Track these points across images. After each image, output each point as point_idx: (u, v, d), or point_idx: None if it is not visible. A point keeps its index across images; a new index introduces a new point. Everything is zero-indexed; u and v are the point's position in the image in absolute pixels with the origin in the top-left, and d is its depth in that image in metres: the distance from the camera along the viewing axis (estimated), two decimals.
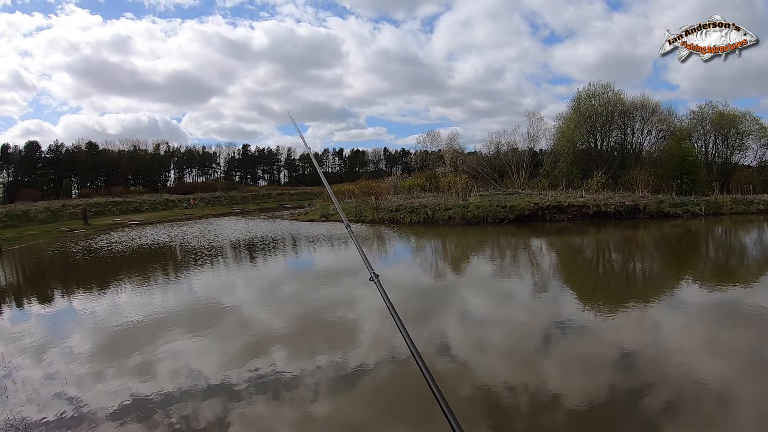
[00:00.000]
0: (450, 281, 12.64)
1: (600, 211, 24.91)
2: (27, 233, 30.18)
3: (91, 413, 5.38)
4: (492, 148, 44.82)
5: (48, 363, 7.11)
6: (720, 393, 5.36)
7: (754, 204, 27.67)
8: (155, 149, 77.49)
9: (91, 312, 10.35)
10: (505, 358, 6.76)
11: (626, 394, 5.40)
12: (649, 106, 36.72)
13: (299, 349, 7.27)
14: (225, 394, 5.74)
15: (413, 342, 1.49)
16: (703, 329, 7.89)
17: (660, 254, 16.39)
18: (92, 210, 40.11)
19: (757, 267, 13.67)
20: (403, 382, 6.03)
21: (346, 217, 7.31)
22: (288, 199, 62.94)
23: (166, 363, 6.88)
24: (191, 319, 9.19)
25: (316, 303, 10.30)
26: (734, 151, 38.91)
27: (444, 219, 25.50)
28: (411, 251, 18.82)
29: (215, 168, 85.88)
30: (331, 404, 5.52)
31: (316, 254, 18.24)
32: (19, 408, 5.56)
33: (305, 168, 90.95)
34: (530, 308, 9.49)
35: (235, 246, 21.13)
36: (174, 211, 47.18)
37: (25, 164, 65.71)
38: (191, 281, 13.68)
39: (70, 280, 15.21)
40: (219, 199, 58.35)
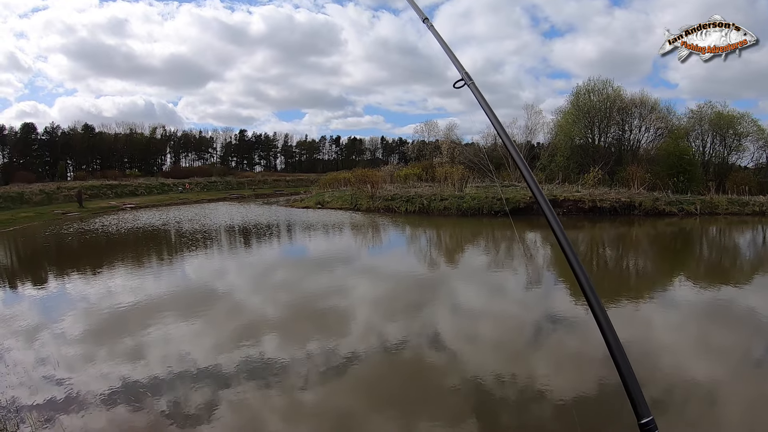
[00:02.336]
0: (443, 272, 12.69)
1: (595, 206, 24.98)
2: (21, 215, 30.01)
3: (81, 396, 5.40)
4: (489, 140, 44.72)
5: (40, 346, 7.13)
6: (708, 393, 5.43)
7: (749, 205, 27.77)
8: (152, 133, 76.80)
9: (83, 295, 10.34)
10: (495, 351, 6.82)
11: (615, 390, 5.47)
12: (647, 103, 36.62)
13: (290, 336, 7.31)
14: (215, 379, 5.78)
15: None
16: (694, 328, 7.97)
17: (653, 252, 16.49)
18: (87, 193, 39.86)
19: (749, 268, 13.77)
20: (393, 369, 6.08)
21: (344, 205, 7.07)
22: (284, 186, 62.70)
23: (158, 347, 6.91)
24: (183, 304, 9.21)
25: (308, 290, 10.33)
26: (731, 151, 38.92)
27: (439, 209, 25.52)
28: (405, 241, 18.86)
29: (211, 153, 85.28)
30: (321, 391, 5.56)
31: (311, 241, 18.26)
32: (10, 391, 5.58)
33: (302, 155, 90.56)
34: (521, 302, 9.56)
35: (229, 231, 21.10)
36: (169, 195, 46.95)
37: (21, 146, 65.03)
38: (184, 266, 13.67)
39: (63, 262, 15.18)
40: (215, 184, 58.08)
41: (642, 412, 1.24)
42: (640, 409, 1.24)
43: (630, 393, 1.25)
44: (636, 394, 1.25)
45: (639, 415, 1.24)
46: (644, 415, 1.23)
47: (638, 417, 1.24)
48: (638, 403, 1.24)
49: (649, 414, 1.23)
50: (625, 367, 1.27)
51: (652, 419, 1.23)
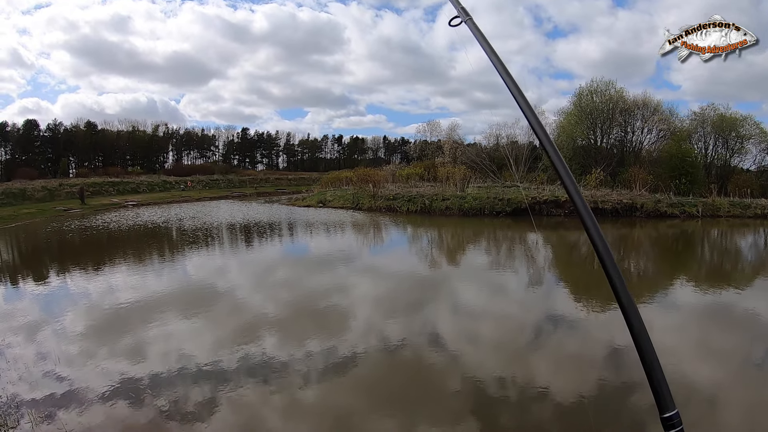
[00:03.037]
0: (444, 272, 12.68)
1: (597, 207, 24.90)
2: (23, 211, 30.09)
3: (81, 393, 5.40)
4: (492, 141, 44.69)
5: (41, 342, 7.13)
6: (709, 396, 5.40)
7: (751, 208, 27.70)
8: (154, 130, 76.91)
9: (84, 292, 10.36)
10: (495, 351, 6.81)
11: (614, 391, 5.46)
12: (650, 105, 36.51)
13: (291, 335, 7.30)
14: (215, 377, 5.77)
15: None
16: (695, 331, 7.95)
17: (655, 254, 16.45)
18: (89, 190, 39.95)
19: (751, 271, 13.73)
20: (393, 369, 6.08)
21: (345, 204, 6.97)
22: (286, 184, 62.72)
23: (158, 345, 6.91)
24: (184, 302, 9.21)
25: (309, 288, 10.32)
26: (734, 154, 38.81)
27: (441, 209, 25.50)
28: (407, 240, 18.84)
29: (214, 151, 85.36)
30: (320, 390, 5.56)
31: (312, 240, 18.25)
32: (11, 386, 5.58)
33: (303, 153, 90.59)
34: (522, 302, 9.54)
35: (231, 229, 21.11)
36: (171, 193, 47.02)
37: (23, 142, 65.20)
38: (185, 264, 13.68)
39: (65, 259, 15.20)
40: (216, 182, 58.13)
41: (666, 404, 1.16)
42: (664, 402, 1.16)
43: (654, 385, 1.18)
44: (661, 386, 1.17)
45: (662, 408, 1.16)
46: (668, 408, 1.16)
47: (661, 411, 1.16)
48: (662, 396, 1.16)
49: (674, 407, 1.16)
50: (650, 357, 1.21)
51: (677, 412, 1.15)
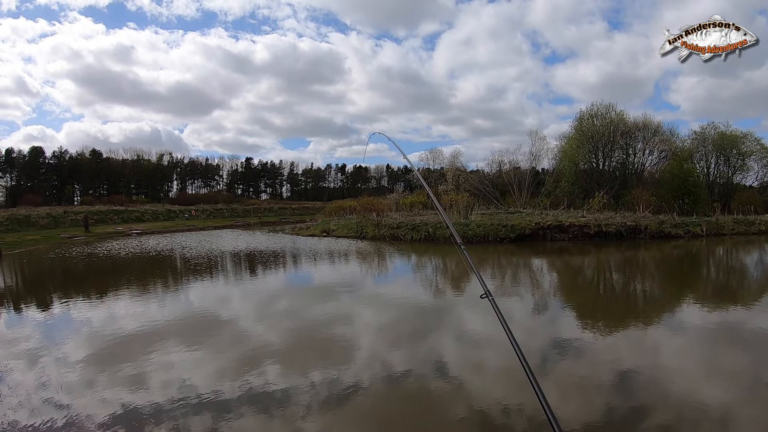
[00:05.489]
0: (449, 300, 12.58)
1: (601, 231, 24.88)
2: (28, 238, 30.27)
3: (81, 421, 5.32)
4: (494, 167, 45.08)
5: (42, 369, 7.07)
6: (719, 417, 5.28)
7: (755, 224, 27.60)
8: (158, 159, 77.98)
9: (87, 319, 10.30)
10: (501, 379, 6.69)
11: (624, 416, 5.33)
12: (651, 126, 36.90)
13: (293, 365, 7.21)
14: (216, 407, 5.68)
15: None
16: (703, 351, 7.81)
17: (660, 275, 16.30)
18: (94, 218, 40.22)
19: (758, 288, 13.58)
20: (397, 401, 5.98)
21: (349, 233, 7.11)
22: (290, 213, 63.00)
23: (159, 374, 6.83)
24: (187, 331, 9.14)
25: (313, 318, 10.25)
26: (736, 171, 38.98)
27: (445, 237, 25.44)
28: (411, 269, 18.75)
29: (218, 180, 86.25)
30: (323, 421, 5.45)
31: (316, 269, 18.19)
32: (11, 413, 5.52)
33: (307, 182, 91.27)
34: (528, 328, 9.42)
35: (234, 258, 21.11)
36: (175, 222, 47.27)
37: (28, 169, 66.06)
38: (188, 292, 13.63)
39: (68, 286, 15.19)
40: (221, 211, 58.48)
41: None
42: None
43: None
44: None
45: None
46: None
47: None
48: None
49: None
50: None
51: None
